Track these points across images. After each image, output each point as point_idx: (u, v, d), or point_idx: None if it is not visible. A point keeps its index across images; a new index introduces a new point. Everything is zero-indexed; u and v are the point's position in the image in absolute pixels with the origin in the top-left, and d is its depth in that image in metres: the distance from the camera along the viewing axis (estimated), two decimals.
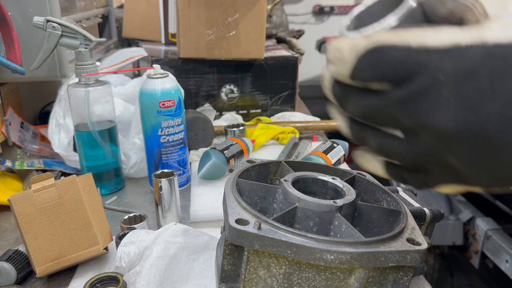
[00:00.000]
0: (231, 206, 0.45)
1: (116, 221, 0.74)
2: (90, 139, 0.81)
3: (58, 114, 0.94)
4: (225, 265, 0.45)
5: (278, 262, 0.41)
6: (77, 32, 0.76)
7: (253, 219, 0.42)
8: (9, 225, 0.75)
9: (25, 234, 0.56)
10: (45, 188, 0.58)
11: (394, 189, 0.58)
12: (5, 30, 0.76)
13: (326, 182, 0.52)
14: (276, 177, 0.58)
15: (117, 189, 0.87)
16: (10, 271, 0.57)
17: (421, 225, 0.53)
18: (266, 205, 0.52)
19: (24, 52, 0.83)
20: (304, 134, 1.14)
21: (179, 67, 1.15)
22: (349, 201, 0.47)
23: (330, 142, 0.93)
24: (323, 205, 0.45)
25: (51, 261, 0.57)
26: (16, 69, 0.73)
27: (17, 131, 0.98)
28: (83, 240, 0.59)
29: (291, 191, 0.47)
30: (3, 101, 0.94)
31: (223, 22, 1.10)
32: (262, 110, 1.25)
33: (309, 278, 0.41)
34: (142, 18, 1.65)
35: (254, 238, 0.40)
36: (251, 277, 0.43)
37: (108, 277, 0.56)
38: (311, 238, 0.39)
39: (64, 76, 0.94)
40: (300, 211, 0.46)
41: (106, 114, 0.83)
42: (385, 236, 0.40)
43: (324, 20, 3.89)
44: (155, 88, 0.78)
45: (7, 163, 0.87)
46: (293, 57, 1.23)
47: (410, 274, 0.42)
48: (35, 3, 0.86)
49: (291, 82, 1.24)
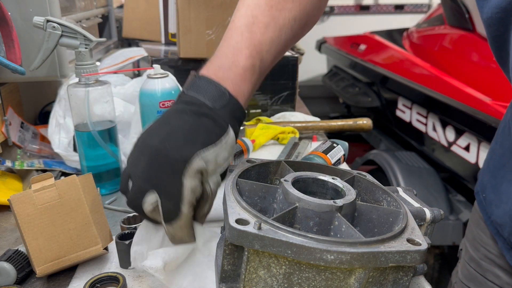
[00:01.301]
0: (231, 206, 0.45)
1: (116, 221, 0.74)
2: (90, 139, 0.81)
3: (58, 114, 0.94)
4: (225, 265, 0.45)
5: (278, 262, 0.41)
6: (77, 32, 0.76)
7: (253, 219, 0.42)
8: (9, 225, 0.75)
9: (25, 234, 0.56)
10: (45, 188, 0.57)
11: (394, 189, 0.58)
12: (5, 30, 0.76)
13: (326, 182, 0.52)
14: (276, 177, 0.58)
15: (117, 189, 0.87)
16: (10, 271, 0.57)
17: (421, 225, 0.53)
18: (266, 205, 0.52)
19: (24, 52, 0.83)
20: (304, 134, 1.14)
21: (179, 67, 1.15)
22: (349, 201, 0.47)
23: (330, 142, 0.93)
24: (323, 205, 0.45)
25: (51, 261, 0.57)
26: (16, 69, 0.73)
27: (17, 131, 0.98)
28: (83, 240, 0.59)
29: (291, 191, 0.47)
30: (3, 101, 0.94)
31: (223, 22, 1.10)
32: (262, 110, 1.25)
33: (309, 278, 0.41)
34: (142, 18, 1.65)
35: (254, 238, 0.40)
36: (251, 277, 0.43)
37: (108, 277, 0.56)
38: (311, 238, 0.39)
39: (64, 76, 0.94)
40: (300, 211, 0.46)
41: (106, 114, 0.83)
42: (385, 236, 0.41)
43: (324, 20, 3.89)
44: (155, 88, 0.78)
45: (7, 163, 0.87)
46: (293, 57, 1.23)
47: (410, 274, 0.42)
48: (35, 3, 0.86)
49: (291, 82, 1.24)
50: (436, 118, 1.89)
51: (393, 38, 2.57)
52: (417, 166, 1.97)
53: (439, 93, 1.83)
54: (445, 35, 2.11)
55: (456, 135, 1.75)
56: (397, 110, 2.23)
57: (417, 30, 2.43)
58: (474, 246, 0.73)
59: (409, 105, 2.12)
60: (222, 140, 0.49)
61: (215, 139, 0.49)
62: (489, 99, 1.58)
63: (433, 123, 1.92)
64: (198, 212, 0.52)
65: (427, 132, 1.97)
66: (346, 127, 1.18)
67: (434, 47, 2.11)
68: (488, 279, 0.69)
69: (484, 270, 0.70)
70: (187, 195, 0.47)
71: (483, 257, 0.71)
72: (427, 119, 1.96)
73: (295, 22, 0.60)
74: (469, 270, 0.74)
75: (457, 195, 1.90)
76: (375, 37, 2.62)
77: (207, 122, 0.49)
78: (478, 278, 0.72)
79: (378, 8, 3.97)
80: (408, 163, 1.99)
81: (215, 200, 0.53)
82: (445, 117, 1.81)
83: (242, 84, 0.54)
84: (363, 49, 2.64)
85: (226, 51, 0.56)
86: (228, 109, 0.51)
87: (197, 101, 0.51)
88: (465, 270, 0.76)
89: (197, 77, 0.54)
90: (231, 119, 0.52)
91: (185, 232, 0.50)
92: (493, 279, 0.68)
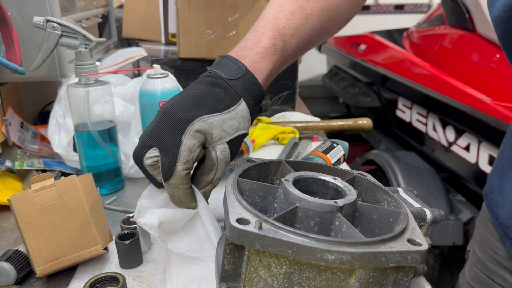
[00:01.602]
0: (232, 206, 0.45)
1: (116, 221, 0.74)
2: (90, 139, 0.81)
3: (58, 114, 0.94)
4: (226, 265, 0.45)
5: (278, 261, 0.41)
6: (77, 32, 0.76)
7: (254, 219, 0.42)
8: (9, 225, 0.75)
9: (25, 234, 0.56)
10: (45, 188, 0.57)
11: (394, 189, 0.58)
12: (5, 30, 0.76)
13: (327, 182, 0.52)
14: (277, 177, 0.58)
15: (117, 189, 0.87)
16: (10, 271, 0.57)
17: (421, 225, 0.53)
18: (266, 204, 0.52)
19: (24, 52, 0.83)
20: (304, 134, 1.14)
21: (179, 67, 1.15)
22: (350, 201, 0.47)
23: (330, 142, 0.93)
24: (324, 205, 0.45)
25: (51, 261, 0.57)
26: (16, 69, 0.72)
27: (17, 131, 0.98)
28: (83, 240, 0.59)
29: (292, 191, 0.47)
30: (3, 101, 0.94)
31: (223, 22, 1.10)
32: (262, 110, 1.25)
33: (309, 278, 0.41)
34: (142, 18, 1.65)
35: (255, 237, 0.40)
36: (251, 277, 0.43)
37: (108, 277, 0.56)
38: (312, 238, 0.39)
39: (64, 76, 0.94)
40: (301, 211, 0.45)
41: (106, 114, 0.83)
42: (386, 237, 0.40)
43: None
44: (155, 88, 0.78)
45: (7, 163, 0.87)
46: None
47: (410, 275, 0.42)
48: (35, 3, 0.86)
49: (291, 82, 1.24)
50: (436, 118, 1.89)
51: (393, 38, 2.57)
52: (417, 166, 1.97)
53: (439, 93, 1.83)
54: (445, 35, 2.11)
55: (456, 135, 1.75)
56: (397, 110, 2.23)
57: (417, 30, 2.43)
58: (482, 248, 0.73)
59: (409, 105, 2.12)
60: (231, 109, 0.52)
61: (224, 108, 0.52)
62: (489, 99, 1.58)
63: (433, 123, 1.92)
64: (202, 178, 0.54)
65: (427, 132, 1.97)
66: (346, 127, 1.18)
67: (434, 47, 2.11)
68: (495, 281, 0.69)
69: (491, 273, 0.70)
70: (183, 153, 0.49)
71: (490, 259, 0.70)
72: (427, 119, 1.96)
73: (323, 13, 0.62)
74: (476, 272, 0.74)
75: (457, 195, 1.90)
76: (375, 37, 2.62)
77: (218, 91, 0.52)
78: (485, 280, 0.71)
79: (378, 8, 3.96)
80: (408, 163, 1.99)
81: (214, 199, 0.53)
82: (445, 117, 1.81)
83: (261, 62, 0.56)
84: (363, 49, 2.64)
85: (251, 35, 0.59)
86: (242, 82, 0.54)
87: (214, 74, 0.54)
88: (472, 272, 0.76)
89: (221, 57, 0.56)
90: (244, 91, 0.54)
91: (182, 192, 0.52)
92: (500, 282, 0.68)
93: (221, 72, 0.54)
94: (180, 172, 0.50)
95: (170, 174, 0.50)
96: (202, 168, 0.53)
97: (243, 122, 0.54)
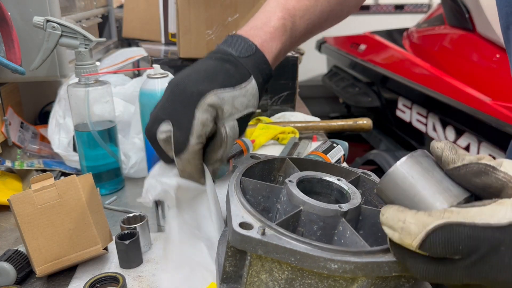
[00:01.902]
0: (234, 208, 0.44)
1: (116, 221, 0.74)
2: (90, 139, 0.81)
3: (58, 114, 0.94)
4: (227, 267, 0.44)
5: (281, 267, 0.41)
6: (77, 32, 0.76)
7: (257, 224, 0.41)
8: (9, 225, 0.75)
9: (25, 234, 0.56)
10: (45, 188, 0.57)
11: None
12: (5, 30, 0.76)
13: (331, 183, 0.52)
14: (280, 174, 0.57)
15: (117, 189, 0.87)
16: (10, 271, 0.56)
17: None
18: (269, 204, 0.51)
19: (24, 52, 0.83)
20: (304, 134, 1.14)
21: (179, 67, 1.15)
22: (355, 205, 0.46)
23: (330, 142, 0.93)
24: (328, 209, 0.44)
25: (51, 261, 0.57)
26: (16, 69, 0.72)
27: (17, 131, 0.98)
28: (83, 240, 0.59)
29: (295, 193, 0.46)
30: (3, 101, 0.94)
31: (223, 22, 1.10)
32: (262, 110, 1.25)
33: (311, 285, 0.40)
34: (142, 18, 1.65)
35: (257, 243, 0.39)
36: (252, 281, 0.42)
37: (108, 277, 0.56)
38: (316, 246, 0.38)
39: (64, 76, 0.94)
40: (305, 214, 0.45)
41: (106, 114, 0.83)
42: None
43: None
44: (155, 88, 0.78)
45: (7, 163, 0.87)
46: (293, 57, 1.23)
47: (412, 281, 0.42)
48: (35, 3, 0.86)
49: (291, 82, 1.24)
50: (436, 118, 1.89)
51: (393, 38, 2.57)
52: None
53: (439, 93, 1.82)
54: (445, 35, 2.11)
55: (456, 135, 1.75)
56: (397, 110, 2.23)
57: (417, 30, 2.43)
58: None
59: (409, 105, 2.12)
60: (242, 85, 0.52)
61: (235, 84, 0.52)
62: (489, 99, 1.58)
63: (433, 123, 1.92)
64: (212, 155, 0.53)
65: (427, 132, 1.97)
66: (346, 127, 1.18)
67: (434, 47, 2.11)
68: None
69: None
70: (196, 127, 0.49)
71: None
72: (427, 119, 1.96)
73: None
74: None
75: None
76: (375, 37, 2.62)
77: (229, 67, 0.52)
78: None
79: (378, 8, 3.96)
80: None
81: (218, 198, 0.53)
82: (445, 117, 1.81)
83: (270, 41, 0.56)
84: (363, 49, 2.64)
85: (260, 15, 0.59)
86: (253, 60, 0.54)
87: (224, 51, 0.54)
88: None
89: (229, 36, 0.57)
90: (254, 69, 0.54)
91: (193, 167, 0.51)
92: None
93: (231, 49, 0.54)
94: (193, 146, 0.49)
95: (183, 148, 0.49)
96: (211, 145, 0.53)
97: (253, 100, 0.54)
